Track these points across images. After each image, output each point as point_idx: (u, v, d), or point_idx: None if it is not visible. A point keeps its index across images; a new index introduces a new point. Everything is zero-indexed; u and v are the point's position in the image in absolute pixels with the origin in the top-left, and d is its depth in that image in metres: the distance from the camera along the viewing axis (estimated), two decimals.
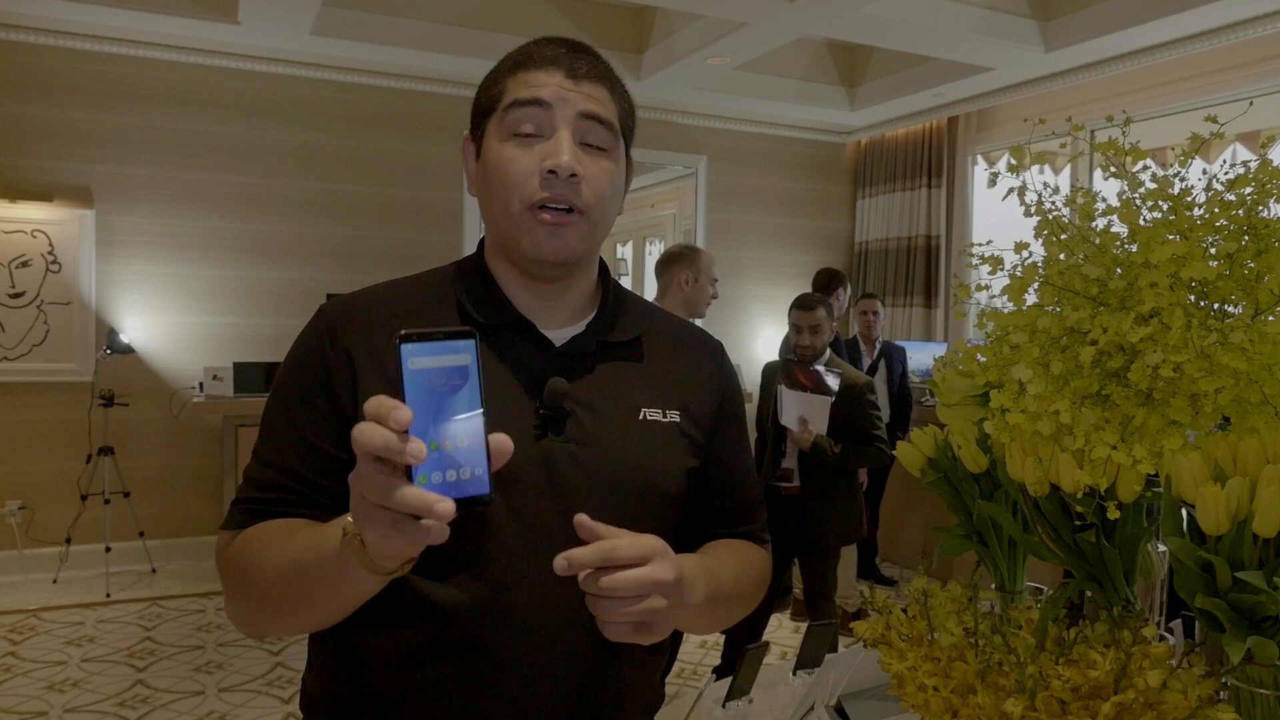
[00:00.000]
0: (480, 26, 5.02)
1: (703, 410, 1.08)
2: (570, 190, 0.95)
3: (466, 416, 0.72)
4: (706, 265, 3.23)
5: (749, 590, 1.08)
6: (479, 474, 0.72)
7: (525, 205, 0.95)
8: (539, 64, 0.98)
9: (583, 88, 0.97)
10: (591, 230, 0.99)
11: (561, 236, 0.96)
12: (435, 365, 0.71)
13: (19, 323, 4.83)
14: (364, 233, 5.49)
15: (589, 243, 1.00)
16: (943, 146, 6.26)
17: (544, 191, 0.94)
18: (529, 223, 0.96)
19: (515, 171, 0.95)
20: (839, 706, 1.25)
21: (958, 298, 0.99)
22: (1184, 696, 0.79)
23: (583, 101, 0.97)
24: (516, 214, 0.96)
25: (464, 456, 0.72)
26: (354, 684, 0.98)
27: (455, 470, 0.71)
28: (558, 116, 0.96)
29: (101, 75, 4.93)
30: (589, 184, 0.96)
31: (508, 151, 0.96)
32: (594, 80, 0.99)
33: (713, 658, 3.93)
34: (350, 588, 0.82)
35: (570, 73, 0.97)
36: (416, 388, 0.70)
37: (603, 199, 0.98)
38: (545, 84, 0.96)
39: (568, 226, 0.96)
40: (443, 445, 0.71)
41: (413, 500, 0.68)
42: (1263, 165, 0.83)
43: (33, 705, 3.36)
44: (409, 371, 0.70)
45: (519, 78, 0.98)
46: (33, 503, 4.91)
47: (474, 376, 0.72)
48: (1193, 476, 0.81)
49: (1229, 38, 4.45)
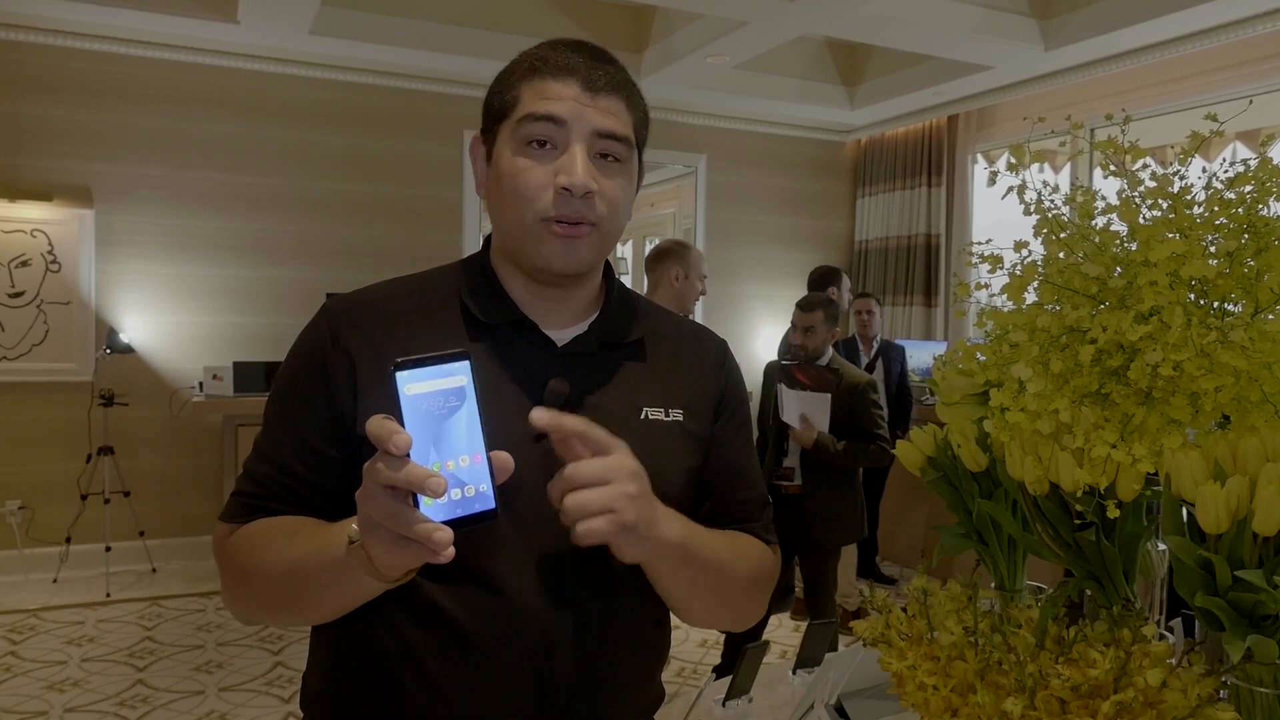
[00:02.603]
0: (480, 26, 5.02)
1: (706, 408, 1.08)
2: (584, 206, 0.94)
3: (467, 436, 0.73)
4: (696, 262, 3.28)
5: (741, 571, 1.03)
6: (484, 490, 0.74)
7: (537, 218, 0.95)
8: (555, 73, 0.96)
9: (600, 102, 0.95)
10: (603, 241, 0.99)
11: (573, 249, 0.96)
12: (432, 389, 0.72)
13: (19, 322, 4.83)
14: (363, 232, 5.49)
15: (600, 253, 1.00)
16: (942, 145, 6.26)
17: (556, 209, 0.94)
18: (542, 235, 0.95)
19: (528, 184, 0.94)
20: (839, 705, 1.25)
21: (957, 296, 0.99)
22: (1184, 695, 0.79)
23: (599, 118, 0.95)
24: (529, 225, 0.95)
25: (467, 474, 0.73)
26: (355, 683, 0.98)
27: (460, 489, 0.73)
28: (573, 133, 0.94)
29: (101, 74, 4.93)
30: (603, 197, 0.96)
31: (520, 163, 0.95)
32: (611, 92, 0.96)
33: (712, 657, 3.93)
34: (354, 592, 0.83)
35: (587, 85, 0.95)
36: (415, 412, 0.72)
37: (615, 211, 0.98)
38: (561, 97, 0.94)
39: (580, 239, 0.96)
40: (445, 466, 0.72)
41: (417, 532, 0.71)
42: (1262, 163, 0.83)
43: (33, 705, 3.36)
44: (406, 398, 0.71)
45: (534, 86, 0.96)
46: (33, 502, 4.91)
47: (471, 396, 0.74)
48: (1192, 475, 0.81)
49: (1228, 36, 4.45)
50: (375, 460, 0.72)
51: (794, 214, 6.82)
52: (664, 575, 0.94)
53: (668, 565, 0.92)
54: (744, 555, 1.06)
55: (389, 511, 0.71)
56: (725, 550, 1.01)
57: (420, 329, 0.99)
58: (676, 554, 0.91)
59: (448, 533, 0.71)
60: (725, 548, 1.01)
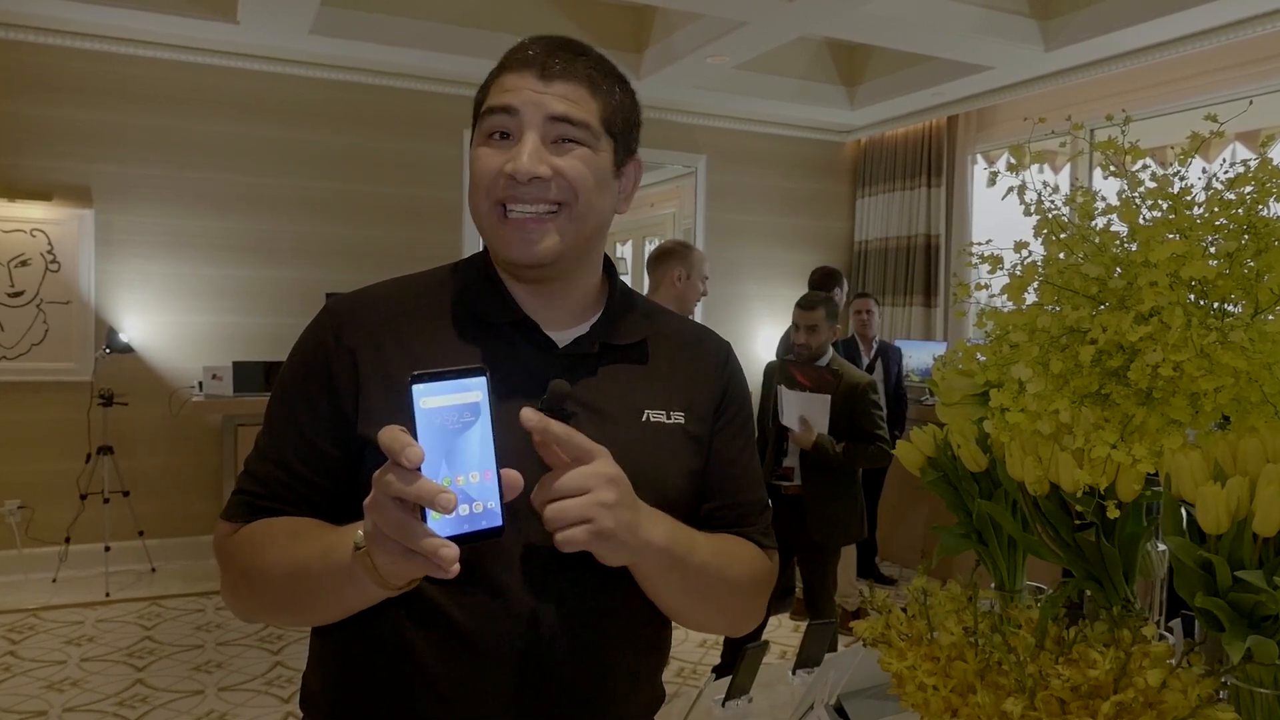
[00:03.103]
0: (479, 26, 5.02)
1: (707, 410, 1.07)
2: (538, 191, 0.94)
3: (479, 452, 0.73)
4: (698, 263, 3.28)
5: (734, 575, 1.02)
6: (491, 507, 0.74)
7: (492, 206, 0.96)
8: (514, 65, 0.97)
9: (554, 88, 0.95)
10: (574, 225, 0.97)
11: (529, 237, 0.95)
12: (447, 403, 0.72)
13: (18, 322, 4.83)
14: (363, 232, 5.49)
15: (570, 238, 0.97)
16: (942, 145, 6.26)
17: (504, 192, 0.95)
18: (496, 224, 0.96)
19: (481, 171, 0.96)
20: (838, 706, 1.25)
21: (957, 297, 0.99)
22: (1184, 696, 0.79)
23: (552, 103, 0.95)
24: (485, 214, 0.97)
25: (477, 491, 0.73)
26: (355, 683, 0.98)
27: (469, 505, 0.73)
28: (526, 120, 0.95)
29: (101, 74, 4.93)
30: (563, 176, 0.95)
31: (479, 152, 0.97)
32: (567, 80, 0.96)
33: (712, 657, 3.93)
34: (356, 597, 0.83)
35: (542, 73, 0.96)
36: (429, 426, 0.71)
37: (583, 189, 0.96)
38: (516, 88, 0.96)
39: (535, 226, 0.95)
40: (455, 481, 0.72)
41: (423, 547, 0.71)
42: (1262, 164, 0.83)
43: (32, 705, 3.36)
44: (421, 410, 0.71)
45: (498, 80, 0.98)
46: (32, 502, 4.90)
47: (486, 413, 0.73)
48: (1192, 475, 0.81)
49: (1228, 37, 4.45)
50: (385, 471, 0.71)
51: (794, 214, 6.82)
52: (651, 579, 0.94)
53: (654, 569, 0.92)
54: (738, 559, 1.05)
55: (396, 523, 0.71)
56: (717, 554, 1.00)
57: (422, 328, 0.99)
58: (662, 558, 0.91)
59: (454, 549, 0.71)
60: (717, 551, 1.01)
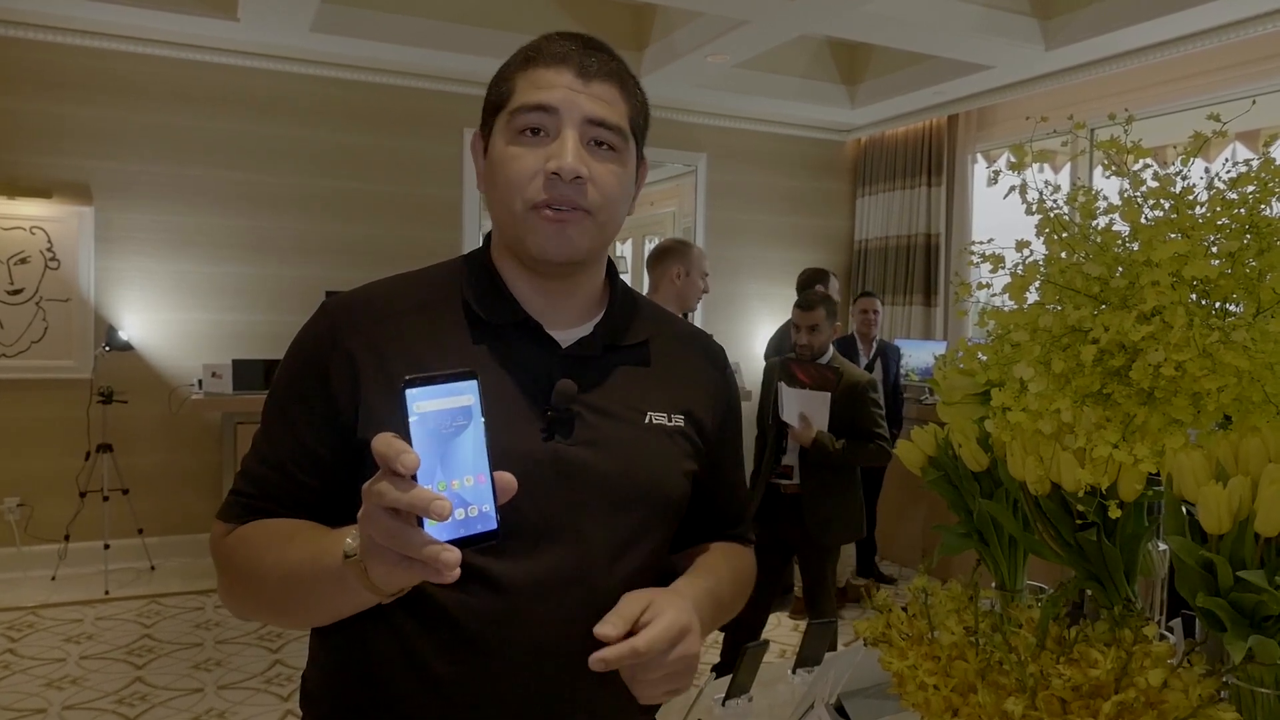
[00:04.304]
0: (480, 23, 5.01)
1: (705, 416, 1.08)
2: (575, 192, 0.94)
3: (472, 455, 0.73)
4: (698, 260, 3.27)
5: (740, 595, 1.11)
6: (486, 511, 0.73)
7: (528, 205, 0.94)
8: (548, 61, 0.96)
9: (592, 88, 0.95)
10: (599, 230, 0.97)
11: (565, 235, 0.95)
12: (440, 407, 0.72)
13: (18, 319, 4.83)
14: (363, 230, 5.49)
15: (595, 242, 0.98)
16: (943, 145, 6.25)
17: (546, 193, 0.93)
18: (532, 221, 0.95)
19: (519, 170, 0.94)
20: (839, 705, 1.25)
21: (958, 296, 0.99)
22: (1185, 696, 0.79)
23: (591, 105, 0.95)
24: (519, 213, 0.95)
25: (471, 495, 0.73)
26: (356, 683, 0.98)
27: (464, 509, 0.72)
28: (565, 119, 0.94)
29: (101, 71, 4.92)
30: (596, 185, 0.95)
31: (512, 150, 0.95)
32: (604, 80, 0.96)
33: (712, 656, 3.93)
34: (349, 602, 0.82)
35: (580, 71, 0.95)
36: (423, 431, 0.71)
37: (610, 200, 0.97)
38: (554, 85, 0.94)
39: (571, 224, 0.95)
40: (450, 485, 0.72)
41: (425, 554, 0.70)
42: (1264, 164, 0.83)
43: (31, 703, 3.36)
44: (415, 415, 0.71)
45: (528, 75, 0.96)
46: (31, 499, 4.90)
47: (477, 416, 0.73)
48: (1194, 475, 0.81)
49: (1230, 36, 4.44)
50: (375, 482, 0.70)
51: (794, 213, 6.82)
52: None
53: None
54: (742, 577, 1.11)
55: (392, 533, 0.70)
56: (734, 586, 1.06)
57: (422, 328, 0.98)
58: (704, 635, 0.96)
59: (456, 553, 0.70)
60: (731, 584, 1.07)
